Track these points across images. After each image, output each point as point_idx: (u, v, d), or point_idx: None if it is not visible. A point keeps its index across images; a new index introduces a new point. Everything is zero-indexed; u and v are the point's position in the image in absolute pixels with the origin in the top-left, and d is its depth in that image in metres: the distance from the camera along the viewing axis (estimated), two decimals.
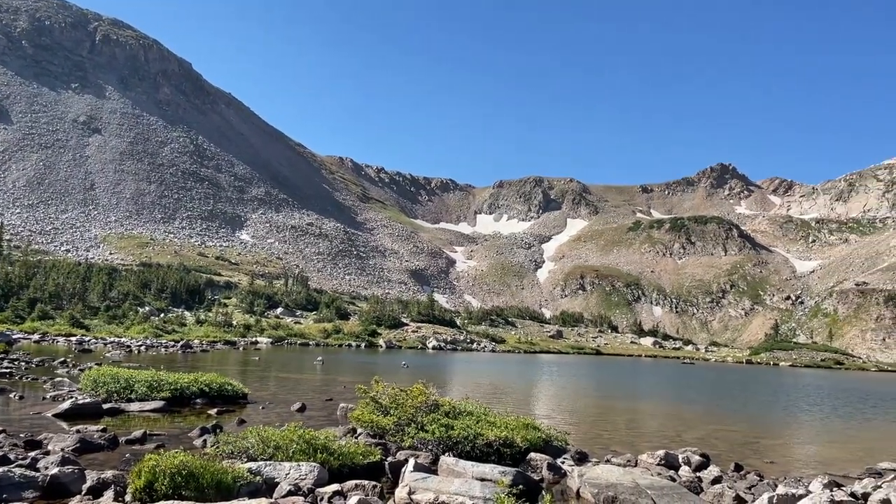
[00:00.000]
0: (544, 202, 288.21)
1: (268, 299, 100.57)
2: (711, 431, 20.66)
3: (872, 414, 30.93)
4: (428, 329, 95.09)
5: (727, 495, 10.73)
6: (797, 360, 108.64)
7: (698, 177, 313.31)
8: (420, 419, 13.17)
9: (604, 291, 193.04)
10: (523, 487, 10.02)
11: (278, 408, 19.09)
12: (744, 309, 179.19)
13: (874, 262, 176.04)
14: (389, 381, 15.37)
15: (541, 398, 30.26)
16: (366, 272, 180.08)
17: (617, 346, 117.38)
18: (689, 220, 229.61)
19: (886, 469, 14.48)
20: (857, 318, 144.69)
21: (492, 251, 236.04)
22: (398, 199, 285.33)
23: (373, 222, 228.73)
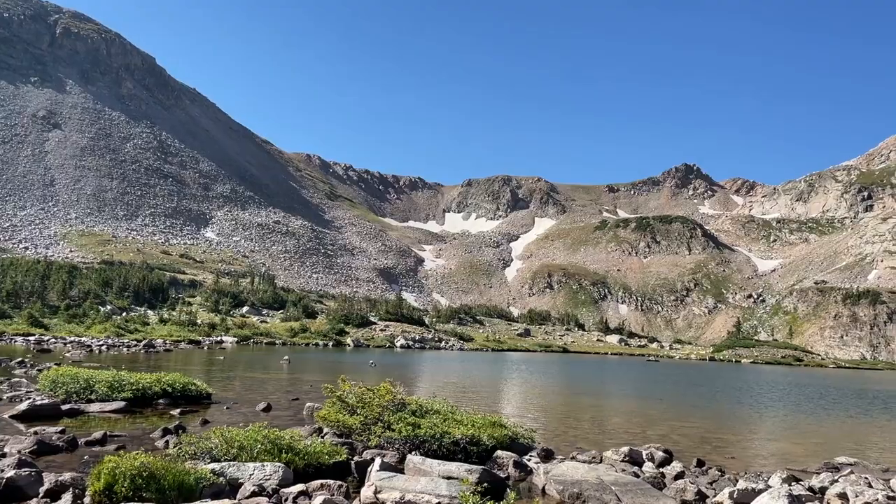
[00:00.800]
0: (512, 201, 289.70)
1: (233, 298, 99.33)
2: (675, 428, 20.97)
3: (830, 410, 31.71)
4: (396, 328, 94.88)
5: (689, 490, 10.89)
6: (758, 358, 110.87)
7: (663, 177, 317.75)
8: (387, 418, 13.12)
9: (571, 290, 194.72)
10: (489, 485, 10.05)
11: (243, 408, 18.86)
12: (707, 307, 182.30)
13: (833, 261, 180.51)
14: (357, 380, 15.29)
15: (508, 396, 30.40)
16: (334, 270, 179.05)
17: (583, 344, 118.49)
18: (654, 220, 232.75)
19: (843, 463, 14.85)
20: (816, 316, 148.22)
21: (460, 250, 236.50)
22: (366, 198, 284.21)
23: (341, 220, 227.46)
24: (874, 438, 22.00)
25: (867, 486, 11.62)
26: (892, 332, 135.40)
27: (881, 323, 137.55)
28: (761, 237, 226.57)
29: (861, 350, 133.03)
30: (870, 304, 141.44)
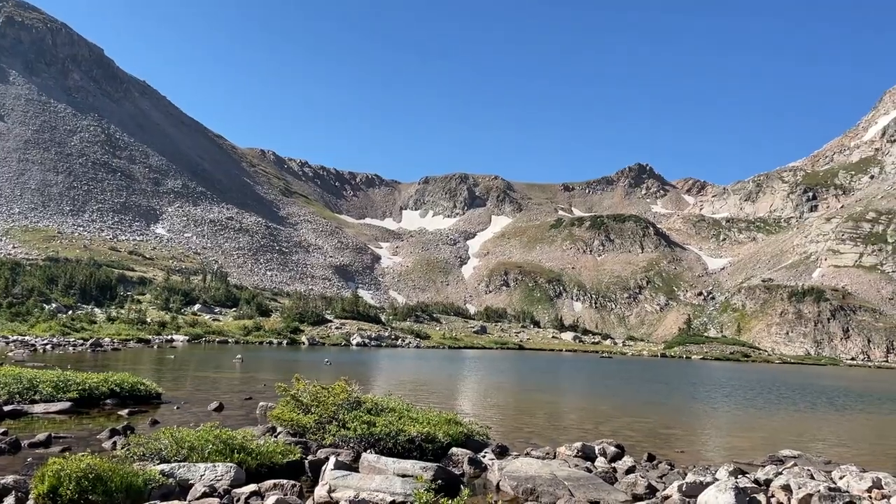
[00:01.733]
0: (469, 199, 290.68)
1: (185, 296, 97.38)
2: (627, 423, 21.35)
3: (776, 404, 32.70)
4: (352, 325, 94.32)
5: (640, 484, 11.11)
6: (708, 354, 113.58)
7: (617, 176, 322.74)
8: (342, 417, 13.05)
9: (527, 287, 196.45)
10: (444, 482, 10.08)
11: (194, 407, 18.52)
12: (659, 304, 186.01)
13: (779, 259, 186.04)
14: (311, 379, 15.17)
15: (464, 393, 30.52)
16: (288, 268, 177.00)
17: (539, 341, 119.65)
18: (608, 218, 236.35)
19: (787, 456, 15.32)
20: (763, 313, 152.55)
21: (417, 247, 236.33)
22: (322, 194, 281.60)
23: (296, 217, 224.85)
24: (817, 432, 22.77)
25: (809, 477, 12.00)
26: (835, 329, 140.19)
27: (825, 320, 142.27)
28: (711, 236, 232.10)
29: (805, 346, 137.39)
30: (814, 301, 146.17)
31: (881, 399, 39.70)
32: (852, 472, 12.57)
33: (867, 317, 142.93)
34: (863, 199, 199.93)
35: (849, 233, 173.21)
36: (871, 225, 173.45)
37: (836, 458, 15.64)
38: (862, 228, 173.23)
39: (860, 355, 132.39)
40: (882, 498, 10.87)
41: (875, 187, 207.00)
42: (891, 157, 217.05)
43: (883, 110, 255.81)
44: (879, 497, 10.97)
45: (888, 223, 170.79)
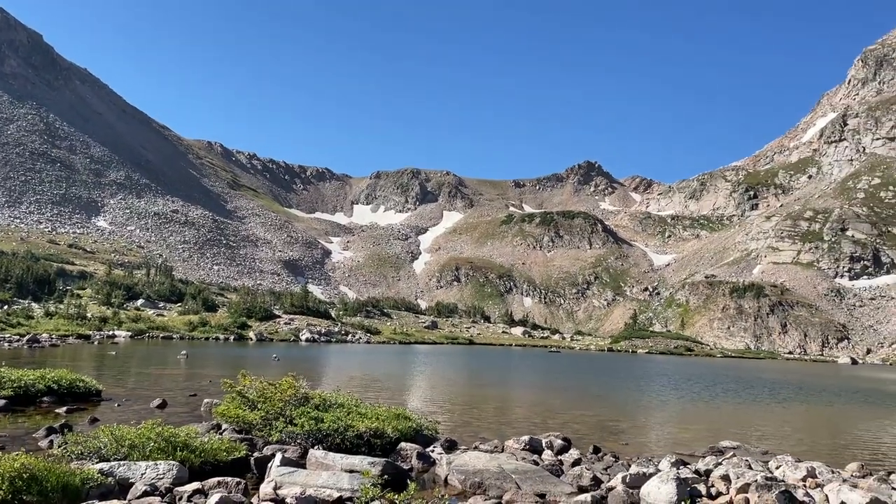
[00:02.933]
0: (421, 194, 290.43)
1: (127, 290, 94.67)
2: (574, 416, 21.69)
3: (718, 397, 33.68)
4: (301, 321, 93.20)
5: (585, 476, 11.30)
6: (653, 348, 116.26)
7: (567, 173, 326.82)
8: (289, 413, 12.90)
9: (477, 283, 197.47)
10: (392, 477, 10.08)
11: (136, 405, 18.05)
12: (606, 300, 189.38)
13: (721, 256, 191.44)
14: (259, 375, 14.95)
15: (414, 388, 30.52)
16: (236, 262, 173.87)
17: (489, 336, 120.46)
18: (558, 215, 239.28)
19: (727, 447, 15.81)
20: (706, 308, 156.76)
21: (368, 242, 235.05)
22: (271, 187, 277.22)
23: (244, 210, 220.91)
24: (756, 424, 23.53)
25: (748, 468, 12.40)
26: (774, 324, 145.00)
27: (764, 315, 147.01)
28: (657, 233, 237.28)
29: (746, 340, 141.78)
30: (754, 297, 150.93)
31: (816, 391, 41.30)
32: (788, 462, 13.05)
33: (804, 312, 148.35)
34: (801, 198, 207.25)
35: (787, 231, 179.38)
36: (808, 223, 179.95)
37: (774, 449, 16.19)
38: (800, 227, 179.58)
39: (797, 349, 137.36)
40: (816, 486, 11.32)
41: (812, 187, 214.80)
42: (828, 158, 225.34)
43: (821, 112, 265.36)
44: (813, 486, 11.41)
45: (824, 222, 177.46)
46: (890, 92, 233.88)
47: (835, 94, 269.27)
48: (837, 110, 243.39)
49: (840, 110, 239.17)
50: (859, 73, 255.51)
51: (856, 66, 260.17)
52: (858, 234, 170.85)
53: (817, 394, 38.94)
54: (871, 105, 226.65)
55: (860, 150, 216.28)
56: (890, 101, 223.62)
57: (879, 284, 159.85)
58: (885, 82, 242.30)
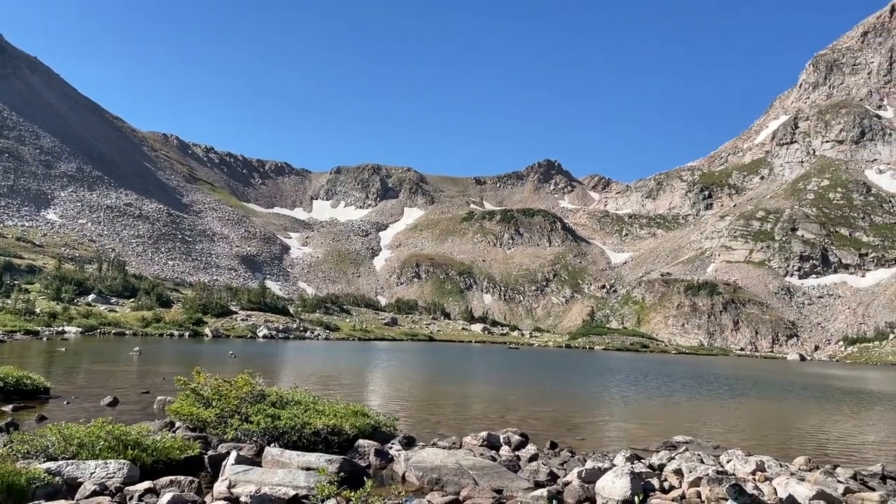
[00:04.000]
0: (382, 190, 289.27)
1: (78, 285, 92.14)
2: (532, 412, 21.87)
3: (672, 392, 34.33)
4: (259, 317, 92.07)
5: (542, 472, 11.40)
6: (610, 344, 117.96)
7: (527, 171, 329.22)
8: (245, 410, 12.71)
9: (438, 279, 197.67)
10: (349, 474, 10.01)
11: (86, 402, 17.59)
12: (565, 297, 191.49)
13: (677, 254, 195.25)
14: (214, 372, 14.71)
15: (373, 385, 30.41)
16: (192, 257, 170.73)
17: (449, 333, 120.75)
18: (518, 213, 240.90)
19: (680, 442, 16.12)
20: (661, 306, 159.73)
21: (328, 238, 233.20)
22: (229, 181, 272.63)
23: (200, 204, 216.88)
24: (709, 418, 24.07)
25: (699, 462, 12.67)
26: (726, 321, 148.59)
27: (717, 312, 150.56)
28: (615, 231, 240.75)
29: (699, 337, 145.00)
30: (708, 294, 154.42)
31: (767, 387, 42.44)
32: (738, 456, 13.36)
33: (755, 310, 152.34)
34: (754, 198, 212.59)
35: (740, 230, 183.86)
36: (760, 223, 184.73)
37: (725, 443, 16.57)
38: (752, 226, 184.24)
39: (748, 346, 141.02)
40: (765, 480, 11.62)
41: (765, 188, 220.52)
42: (779, 160, 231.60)
43: (773, 115, 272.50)
44: (762, 479, 11.72)
45: (776, 222, 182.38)
46: (839, 96, 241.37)
47: (787, 97, 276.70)
48: (789, 113, 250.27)
49: (792, 113, 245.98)
50: (810, 77, 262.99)
51: (807, 71, 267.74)
52: (808, 234, 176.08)
53: (768, 390, 40.01)
54: (822, 108, 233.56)
55: (810, 152, 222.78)
56: (839, 105, 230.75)
57: (827, 283, 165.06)
58: (835, 87, 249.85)
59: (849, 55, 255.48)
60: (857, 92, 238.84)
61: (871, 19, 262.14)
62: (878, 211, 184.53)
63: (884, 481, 12.80)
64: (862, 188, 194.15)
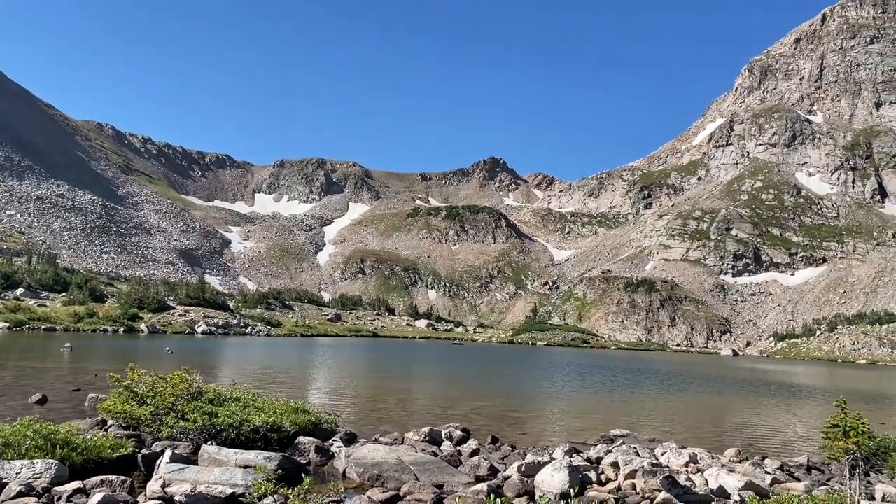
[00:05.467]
0: (326, 184, 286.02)
1: (6, 279, 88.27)
2: (475, 407, 22.03)
3: (612, 387, 35.08)
4: (198, 313, 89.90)
5: (483, 466, 11.51)
6: (552, 340, 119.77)
7: (473, 168, 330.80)
8: (181, 408, 12.41)
9: (383, 275, 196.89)
10: (285, 472, 9.89)
11: (13, 400, 16.88)
12: (508, 293, 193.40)
13: (617, 252, 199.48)
14: (150, 369, 14.30)
15: (315, 382, 30.13)
16: (127, 251, 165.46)
17: (393, 329, 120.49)
18: (463, 209, 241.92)
19: (617, 435, 16.50)
20: (601, 302, 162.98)
21: (271, 232, 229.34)
22: (167, 173, 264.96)
23: (137, 196, 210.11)
24: (646, 412, 24.70)
25: (635, 455, 13.00)
26: (664, 318, 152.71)
27: (655, 309, 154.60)
28: (558, 229, 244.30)
29: (638, 333, 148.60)
30: (646, 292, 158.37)
31: (702, 381, 43.81)
32: (672, 448, 13.77)
33: (691, 307, 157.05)
34: (691, 198, 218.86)
35: (678, 229, 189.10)
36: (696, 222, 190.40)
37: (660, 436, 17.04)
38: (689, 226, 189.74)
39: (684, 342, 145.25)
40: (697, 471, 12.03)
41: (701, 188, 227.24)
42: (715, 161, 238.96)
43: (710, 118, 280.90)
44: (695, 471, 12.12)
45: (711, 221, 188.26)
46: (773, 101, 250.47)
47: (723, 100, 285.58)
48: (725, 116, 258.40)
49: (727, 116, 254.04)
50: (746, 81, 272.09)
51: (742, 76, 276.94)
52: (741, 233, 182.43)
53: (703, 384, 41.31)
54: (756, 112, 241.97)
55: (745, 154, 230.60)
56: (772, 109, 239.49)
57: (759, 281, 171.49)
58: (769, 91, 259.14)
59: (782, 61, 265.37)
60: (789, 97, 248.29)
61: (803, 27, 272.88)
62: (807, 212, 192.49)
63: (809, 472, 13.39)
64: (792, 190, 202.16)
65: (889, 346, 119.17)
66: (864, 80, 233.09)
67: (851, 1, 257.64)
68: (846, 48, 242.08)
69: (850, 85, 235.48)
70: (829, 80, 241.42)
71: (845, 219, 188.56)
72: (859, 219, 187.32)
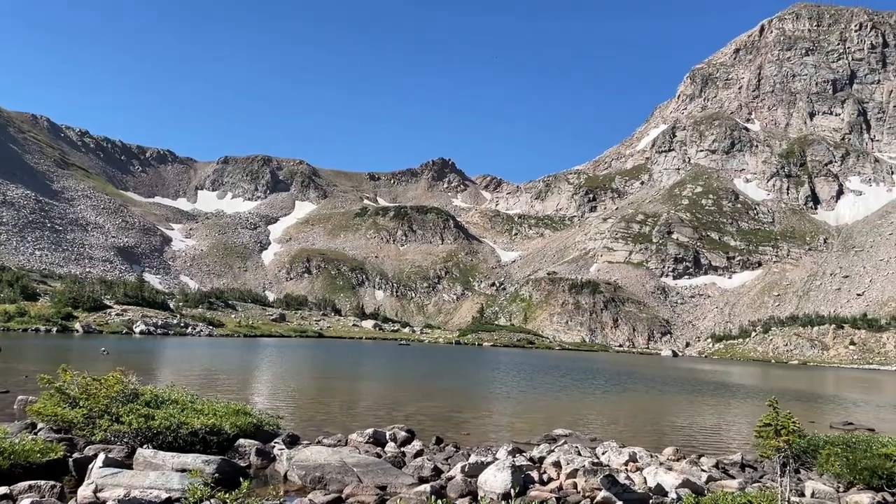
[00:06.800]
0: (272, 182, 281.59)
1: None
2: (420, 408, 22.01)
3: (556, 386, 35.54)
4: (136, 312, 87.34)
5: (427, 467, 11.50)
6: (498, 341, 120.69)
7: (422, 169, 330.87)
8: (116, 410, 12.02)
9: (329, 275, 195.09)
10: (223, 476, 9.69)
11: None
12: (456, 294, 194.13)
13: (562, 254, 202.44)
14: (84, 369, 13.81)
15: (257, 383, 29.62)
16: (62, 248, 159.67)
17: (339, 329, 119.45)
18: (411, 210, 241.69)
19: (560, 435, 16.72)
20: (547, 303, 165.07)
21: (214, 230, 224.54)
22: (105, 168, 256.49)
23: (73, 191, 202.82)
24: (588, 412, 25.12)
25: (577, 454, 13.19)
26: (607, 319, 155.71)
27: (598, 310, 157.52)
28: (505, 230, 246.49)
29: (582, 334, 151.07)
30: (590, 293, 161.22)
31: (643, 381, 44.79)
32: (613, 447, 14.02)
33: (633, 308, 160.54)
34: (634, 202, 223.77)
35: (621, 232, 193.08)
36: (639, 226, 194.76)
37: (602, 436, 17.34)
38: (632, 229, 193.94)
39: (626, 342, 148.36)
40: (636, 470, 12.28)
41: (644, 192, 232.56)
42: (658, 166, 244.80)
43: (654, 124, 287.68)
44: (634, 469, 12.37)
45: (653, 225, 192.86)
46: (713, 108, 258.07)
47: (666, 107, 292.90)
48: (668, 122, 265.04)
49: (670, 123, 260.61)
50: (688, 89, 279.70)
51: (685, 83, 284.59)
52: (682, 237, 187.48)
53: (644, 384, 42.24)
54: (697, 119, 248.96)
55: (686, 160, 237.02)
56: (712, 116, 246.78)
57: (698, 284, 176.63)
58: (710, 99, 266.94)
59: (722, 70, 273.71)
60: (728, 105, 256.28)
61: (742, 37, 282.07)
62: (744, 217, 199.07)
63: (743, 469, 13.83)
64: (731, 195, 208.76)
65: (820, 347, 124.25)
66: (800, 90, 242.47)
67: (788, 14, 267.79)
68: (783, 59, 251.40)
69: (785, 95, 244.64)
70: (766, 90, 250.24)
71: (780, 224, 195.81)
72: (793, 224, 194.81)
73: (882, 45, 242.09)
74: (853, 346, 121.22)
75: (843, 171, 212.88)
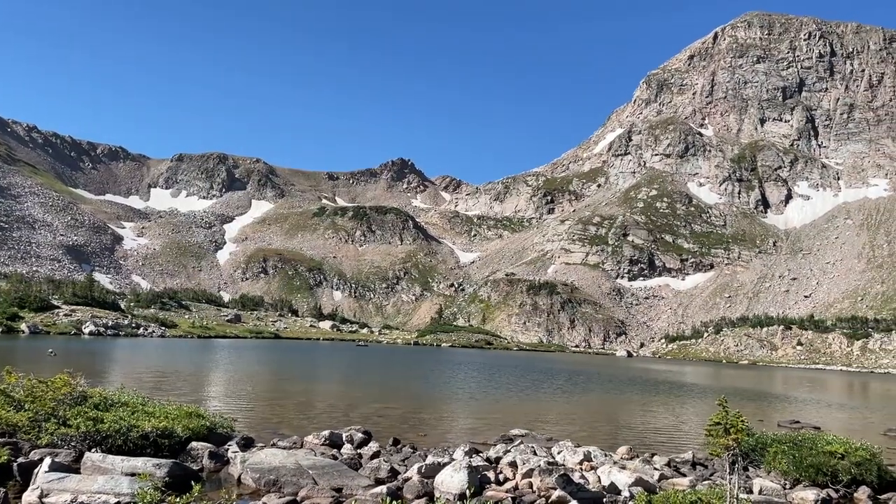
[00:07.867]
0: (228, 181, 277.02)
1: None
2: (377, 410, 21.94)
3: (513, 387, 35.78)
4: (85, 312, 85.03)
5: (383, 468, 11.47)
6: (456, 342, 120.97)
7: (381, 169, 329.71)
8: (63, 413, 11.69)
9: (286, 275, 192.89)
10: (175, 480, 9.51)
11: None
12: (415, 294, 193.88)
13: (521, 255, 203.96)
14: (29, 371, 13.40)
15: (211, 385, 29.14)
16: (8, 246, 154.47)
17: (296, 330, 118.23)
18: (370, 210, 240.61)
19: (516, 435, 16.85)
20: (505, 304, 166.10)
21: (167, 229, 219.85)
22: (54, 164, 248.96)
23: (19, 188, 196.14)
24: (545, 412, 25.36)
25: (533, 454, 13.31)
26: (564, 320, 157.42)
27: (556, 311, 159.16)
28: (464, 231, 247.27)
29: (539, 334, 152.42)
30: (548, 294, 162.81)
31: (599, 381, 45.40)
32: (568, 447, 14.19)
33: (590, 309, 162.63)
34: (591, 204, 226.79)
35: (578, 234, 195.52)
36: (596, 228, 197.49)
37: (557, 435, 17.53)
38: (589, 231, 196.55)
39: (583, 343, 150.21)
40: (591, 469, 12.46)
41: (601, 195, 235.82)
42: (615, 170, 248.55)
43: (610, 127, 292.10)
44: (589, 468, 12.54)
45: (610, 227, 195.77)
46: (668, 113, 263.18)
47: (623, 111, 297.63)
48: (624, 126, 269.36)
49: (626, 127, 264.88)
50: (643, 94, 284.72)
51: (641, 88, 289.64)
52: (637, 239, 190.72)
53: (600, 384, 42.83)
54: (652, 124, 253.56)
55: (641, 163, 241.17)
56: (667, 121, 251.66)
57: (652, 285, 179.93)
58: (665, 104, 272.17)
59: (677, 76, 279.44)
60: (683, 110, 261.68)
61: (697, 44, 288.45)
62: (697, 220, 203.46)
63: (694, 467, 14.14)
64: (684, 199, 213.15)
65: (769, 347, 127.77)
66: (751, 97, 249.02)
67: (741, 21, 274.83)
68: (735, 66, 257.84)
69: (738, 101, 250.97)
70: (719, 96, 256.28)
71: (731, 227, 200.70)
72: (744, 228, 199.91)
73: (830, 53, 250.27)
74: (801, 346, 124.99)
75: (792, 177, 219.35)
